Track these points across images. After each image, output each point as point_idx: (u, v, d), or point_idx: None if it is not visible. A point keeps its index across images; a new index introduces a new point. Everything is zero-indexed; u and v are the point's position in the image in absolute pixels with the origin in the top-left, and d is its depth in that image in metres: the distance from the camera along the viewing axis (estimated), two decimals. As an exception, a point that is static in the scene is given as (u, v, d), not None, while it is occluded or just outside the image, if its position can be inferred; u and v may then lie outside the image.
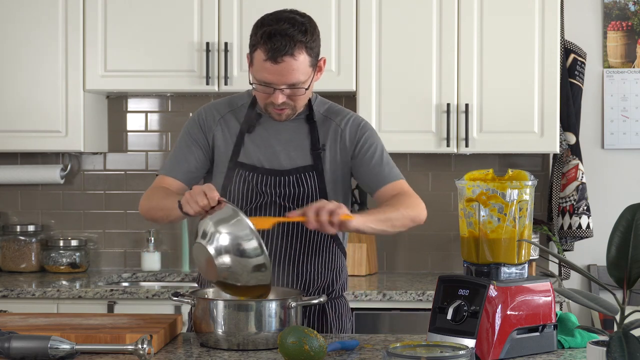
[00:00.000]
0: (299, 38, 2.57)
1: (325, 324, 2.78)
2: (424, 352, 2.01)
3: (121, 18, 4.26)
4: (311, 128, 2.75)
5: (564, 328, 2.46)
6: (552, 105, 4.19)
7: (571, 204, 4.41)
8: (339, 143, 2.76)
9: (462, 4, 4.22)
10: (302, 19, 2.62)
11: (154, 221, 2.77)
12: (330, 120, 2.78)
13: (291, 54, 2.56)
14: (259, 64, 2.59)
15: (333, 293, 2.81)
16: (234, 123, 2.77)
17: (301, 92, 2.64)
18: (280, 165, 2.72)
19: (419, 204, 2.73)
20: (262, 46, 2.57)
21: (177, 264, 4.64)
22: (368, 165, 2.76)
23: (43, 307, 3.93)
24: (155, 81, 4.27)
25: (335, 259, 2.80)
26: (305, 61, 2.60)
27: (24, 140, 4.29)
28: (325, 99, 2.85)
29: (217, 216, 2.43)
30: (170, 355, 2.35)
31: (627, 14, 4.58)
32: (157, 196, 2.71)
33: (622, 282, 1.97)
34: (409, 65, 4.22)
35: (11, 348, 2.20)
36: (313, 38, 2.62)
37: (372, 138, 2.79)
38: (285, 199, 2.70)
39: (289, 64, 2.57)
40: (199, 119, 2.79)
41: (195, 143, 2.77)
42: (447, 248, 4.61)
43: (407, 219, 2.68)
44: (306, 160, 2.73)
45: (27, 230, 4.54)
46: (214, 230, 2.41)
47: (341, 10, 4.21)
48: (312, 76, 2.65)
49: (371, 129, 2.82)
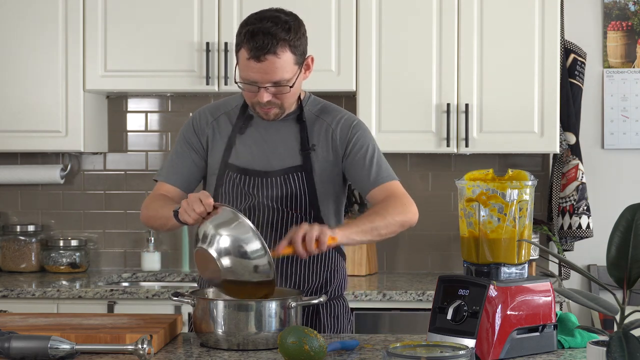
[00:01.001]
0: (281, 36, 2.57)
1: (319, 325, 2.78)
2: (424, 352, 2.01)
3: (121, 18, 4.26)
4: (301, 128, 2.75)
5: (564, 328, 2.46)
6: (552, 105, 4.19)
7: (571, 204, 4.41)
8: (330, 143, 2.75)
9: (462, 4, 4.22)
10: (286, 17, 2.62)
11: (155, 229, 2.81)
12: (322, 120, 2.78)
13: (274, 52, 2.57)
14: (243, 62, 2.61)
15: (328, 294, 2.80)
16: (227, 125, 2.78)
17: (286, 90, 2.64)
18: (270, 165, 2.73)
19: (409, 208, 2.70)
20: (245, 45, 2.59)
21: (177, 264, 4.64)
22: (359, 166, 2.74)
23: (43, 307, 3.93)
24: (155, 81, 4.27)
25: (329, 260, 2.79)
26: (289, 59, 2.60)
27: (24, 140, 4.29)
28: (319, 99, 2.84)
29: (217, 220, 2.43)
30: (170, 355, 2.35)
31: (627, 14, 4.58)
32: (156, 205, 2.73)
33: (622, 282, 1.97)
34: (409, 66, 4.22)
35: (11, 348, 2.20)
36: (297, 36, 2.62)
37: (363, 138, 2.77)
38: (274, 200, 2.70)
39: (272, 62, 2.58)
40: (193, 123, 2.82)
41: (190, 147, 2.79)
42: (447, 248, 4.61)
43: (396, 225, 2.66)
44: (295, 160, 2.73)
45: (27, 230, 4.54)
46: (215, 233, 2.42)
47: (341, 10, 4.21)
48: (297, 74, 2.65)
49: (364, 128, 2.80)
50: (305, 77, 2.71)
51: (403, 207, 2.69)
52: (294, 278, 2.75)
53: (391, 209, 2.66)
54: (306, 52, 2.68)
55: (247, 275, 2.41)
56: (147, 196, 2.82)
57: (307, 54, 2.68)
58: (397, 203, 2.69)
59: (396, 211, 2.66)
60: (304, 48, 2.66)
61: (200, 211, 2.44)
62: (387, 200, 2.69)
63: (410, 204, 2.71)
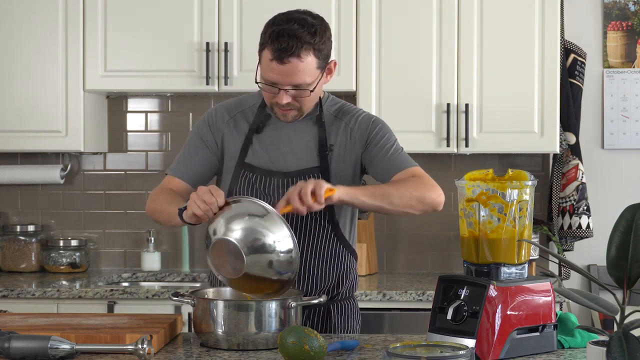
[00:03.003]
0: (307, 39, 2.55)
1: (330, 326, 2.77)
2: (424, 352, 2.01)
3: (121, 18, 4.26)
4: (320, 129, 2.73)
5: (564, 328, 2.46)
6: (552, 105, 4.19)
7: (571, 204, 4.41)
8: (349, 142, 2.74)
9: (462, 4, 4.22)
10: (313, 20, 2.60)
11: (157, 223, 2.79)
12: (340, 120, 2.76)
13: (297, 55, 2.55)
14: (266, 63, 2.58)
15: (339, 295, 2.80)
16: (244, 123, 2.76)
17: (306, 93, 2.62)
18: (287, 166, 2.71)
19: (431, 188, 2.63)
20: (269, 45, 2.56)
21: (177, 264, 4.64)
22: (381, 154, 2.71)
23: (43, 307, 3.93)
24: (155, 81, 4.27)
25: (341, 261, 2.78)
26: (312, 63, 2.58)
27: (24, 140, 4.29)
28: (337, 99, 2.83)
29: (244, 209, 2.42)
30: (170, 355, 2.35)
31: (627, 14, 4.58)
32: (162, 199, 2.72)
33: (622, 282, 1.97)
34: (409, 65, 4.22)
35: (11, 348, 2.20)
36: (322, 40, 2.59)
37: (383, 130, 2.75)
38: None
39: (294, 65, 2.56)
40: (208, 120, 2.79)
41: (204, 144, 2.78)
42: (447, 248, 4.61)
43: (412, 198, 2.59)
44: (313, 161, 2.72)
45: (27, 230, 4.54)
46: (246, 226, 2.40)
47: (341, 10, 4.21)
48: (319, 78, 2.63)
49: (383, 123, 2.78)
50: (326, 81, 2.69)
51: (424, 185, 2.62)
52: (306, 279, 2.74)
53: (410, 183, 2.61)
54: (329, 56, 2.65)
55: (270, 271, 2.40)
56: (155, 188, 2.81)
57: (330, 57, 2.66)
58: (418, 181, 2.63)
59: (414, 186, 2.60)
60: (328, 52, 2.64)
61: (211, 202, 2.42)
62: (406, 178, 2.65)
63: (434, 185, 2.65)
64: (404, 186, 2.61)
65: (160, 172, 4.62)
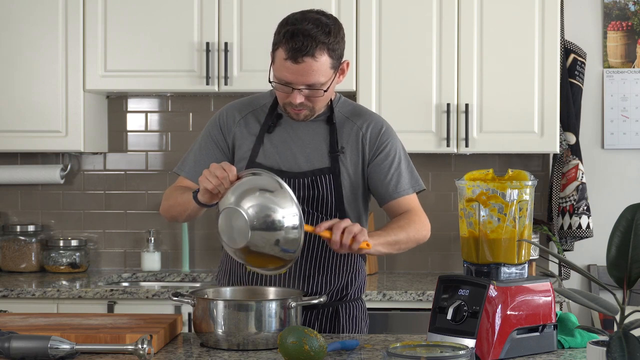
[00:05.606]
0: (321, 39, 2.55)
1: (338, 326, 2.78)
2: (424, 352, 2.01)
3: (121, 18, 4.26)
4: (331, 130, 2.74)
5: (564, 328, 2.46)
6: (552, 105, 4.19)
7: (571, 204, 4.41)
8: (360, 146, 2.74)
9: (462, 4, 4.22)
10: (327, 20, 2.60)
11: (174, 219, 2.79)
12: (352, 122, 2.76)
13: (312, 55, 2.55)
14: (280, 62, 2.58)
15: (348, 296, 2.80)
16: (255, 123, 2.76)
17: (320, 93, 2.62)
18: (298, 167, 2.71)
19: (426, 225, 2.76)
20: (283, 45, 2.56)
21: (177, 264, 4.64)
22: (382, 174, 2.74)
23: (43, 307, 3.93)
24: (155, 81, 4.27)
25: (351, 262, 2.79)
26: (326, 63, 2.58)
27: (24, 140, 4.30)
28: (349, 100, 2.83)
29: (256, 183, 2.43)
30: (170, 355, 2.35)
31: (627, 14, 4.58)
32: (176, 194, 2.74)
33: (622, 282, 1.97)
34: (409, 65, 4.22)
35: (11, 348, 2.20)
36: (337, 40, 2.59)
37: (391, 145, 2.76)
38: (301, 201, 2.67)
39: (308, 65, 2.56)
40: (219, 120, 2.80)
41: (215, 144, 2.78)
42: (447, 248, 4.61)
43: (413, 242, 2.72)
44: (324, 162, 2.72)
45: (27, 230, 4.55)
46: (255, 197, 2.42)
47: (341, 10, 4.21)
48: (332, 78, 2.63)
49: (392, 135, 2.79)
50: (339, 82, 2.69)
51: (422, 225, 2.74)
52: (316, 279, 2.73)
53: (413, 226, 2.71)
54: (343, 56, 2.66)
55: (271, 247, 2.42)
56: (168, 188, 2.82)
57: (343, 58, 2.67)
58: (417, 221, 2.74)
59: (417, 229, 2.72)
60: (342, 52, 2.64)
61: (223, 176, 2.43)
62: (410, 216, 2.73)
63: (426, 221, 2.77)
64: (410, 230, 2.70)
65: (161, 172, 4.62)
